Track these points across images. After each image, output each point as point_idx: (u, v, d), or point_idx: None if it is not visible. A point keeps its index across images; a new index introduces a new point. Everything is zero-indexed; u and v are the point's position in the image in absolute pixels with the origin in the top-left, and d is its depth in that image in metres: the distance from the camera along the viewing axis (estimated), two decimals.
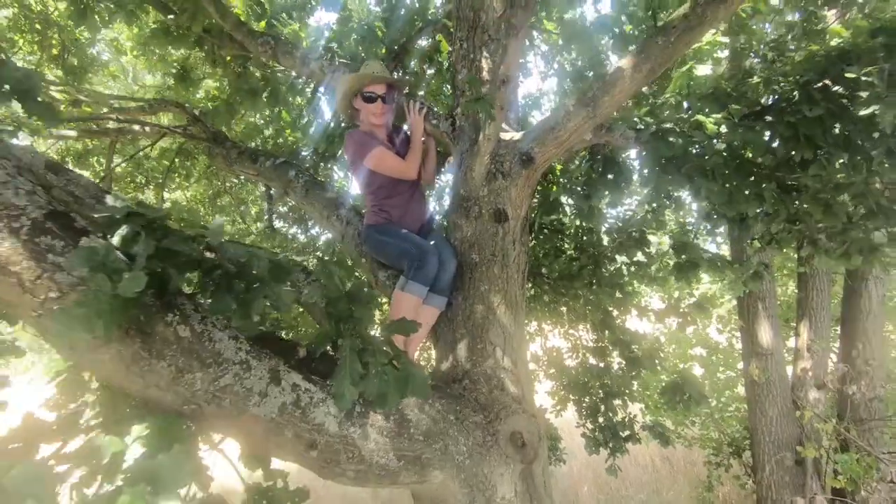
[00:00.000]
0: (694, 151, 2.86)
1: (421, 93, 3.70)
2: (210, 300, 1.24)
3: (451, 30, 2.79)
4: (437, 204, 4.86)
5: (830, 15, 3.55)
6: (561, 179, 3.30)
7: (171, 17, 2.84)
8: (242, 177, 4.62)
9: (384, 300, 3.23)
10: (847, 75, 2.27)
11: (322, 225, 3.37)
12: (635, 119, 2.97)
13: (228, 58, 3.03)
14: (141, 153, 6.40)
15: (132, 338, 1.25)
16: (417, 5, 3.20)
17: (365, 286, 1.45)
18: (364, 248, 2.54)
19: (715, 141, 2.80)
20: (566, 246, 4.04)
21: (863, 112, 2.23)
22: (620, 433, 4.50)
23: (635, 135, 2.82)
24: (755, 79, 2.79)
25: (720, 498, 5.80)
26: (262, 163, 3.27)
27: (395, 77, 2.32)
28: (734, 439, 5.57)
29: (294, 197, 3.04)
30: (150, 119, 5.44)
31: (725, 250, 5.55)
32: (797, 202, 2.72)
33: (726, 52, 3.70)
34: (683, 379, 3.71)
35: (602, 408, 4.73)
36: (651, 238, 4.65)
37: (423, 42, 3.33)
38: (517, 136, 2.31)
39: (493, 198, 2.30)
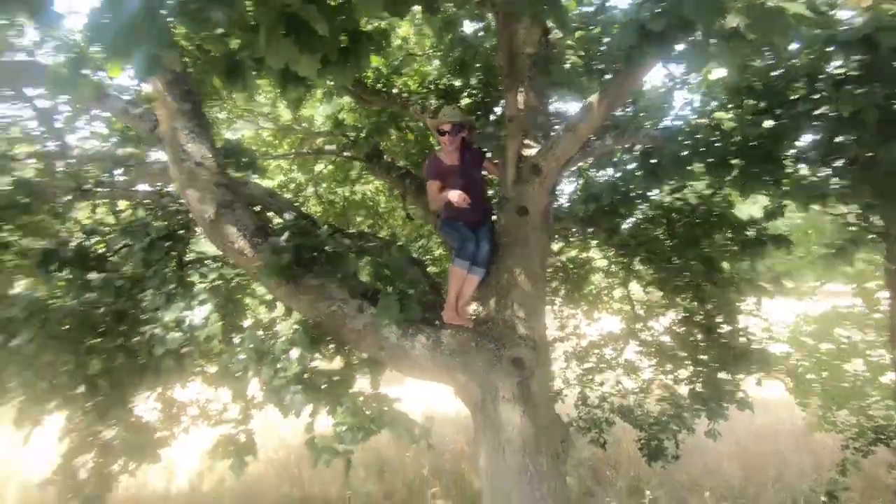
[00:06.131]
0: (717, 145, 3.26)
1: None
2: (378, 307, 2.63)
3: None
4: None
5: None
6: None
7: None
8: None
9: None
10: None
11: (427, 220, 4.63)
12: (660, 118, 3.46)
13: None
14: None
15: (289, 285, 2.70)
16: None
17: (401, 262, 2.69)
18: (442, 235, 3.72)
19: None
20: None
21: None
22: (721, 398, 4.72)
23: (660, 133, 3.35)
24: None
25: (855, 485, 5.37)
26: (395, 172, 4.66)
27: (459, 119, 3.35)
28: (881, 427, 5.10)
29: (409, 199, 4.35)
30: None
31: None
32: None
33: None
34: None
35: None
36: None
37: None
38: (533, 151, 3.15)
39: (518, 197, 3.21)
